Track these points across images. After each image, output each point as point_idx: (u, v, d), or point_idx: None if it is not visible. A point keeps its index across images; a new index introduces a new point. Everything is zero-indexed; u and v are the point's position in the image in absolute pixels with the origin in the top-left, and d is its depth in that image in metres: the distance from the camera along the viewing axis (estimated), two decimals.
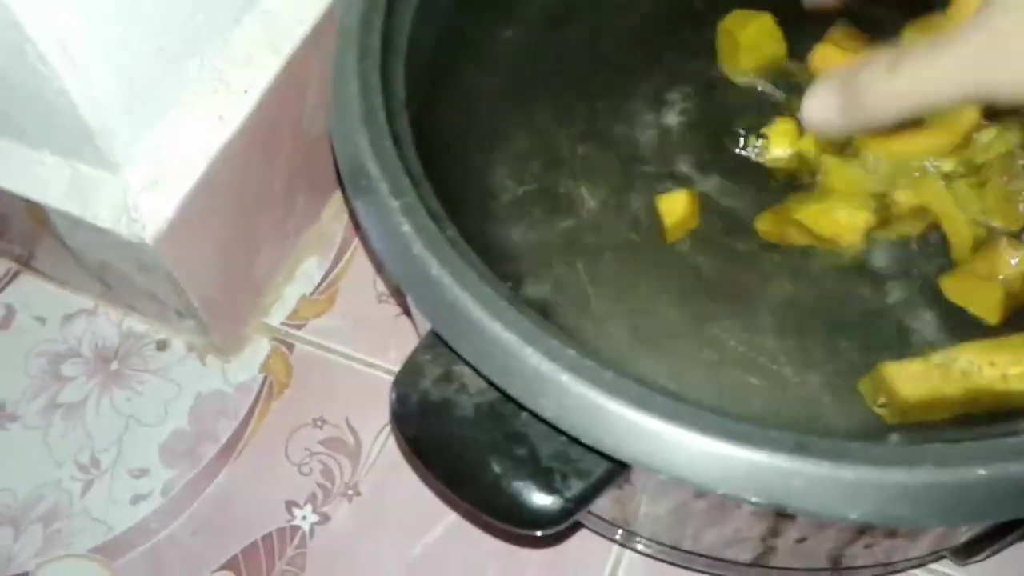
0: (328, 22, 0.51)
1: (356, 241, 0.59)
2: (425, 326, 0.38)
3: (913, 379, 0.37)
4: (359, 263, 0.58)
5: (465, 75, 0.47)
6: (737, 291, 0.44)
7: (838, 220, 0.43)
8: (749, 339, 0.42)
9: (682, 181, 0.46)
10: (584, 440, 0.32)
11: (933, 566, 0.46)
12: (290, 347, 0.56)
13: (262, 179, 0.52)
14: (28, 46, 0.38)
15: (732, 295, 0.44)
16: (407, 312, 0.55)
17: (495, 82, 0.48)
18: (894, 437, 0.30)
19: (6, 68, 0.40)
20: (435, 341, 0.37)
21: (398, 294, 0.56)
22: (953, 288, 0.42)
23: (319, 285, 0.58)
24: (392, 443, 0.52)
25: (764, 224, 0.44)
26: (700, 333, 0.43)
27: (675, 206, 0.45)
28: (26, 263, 0.59)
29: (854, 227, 0.43)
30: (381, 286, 0.57)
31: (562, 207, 0.46)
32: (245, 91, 0.48)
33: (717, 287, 0.44)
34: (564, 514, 0.35)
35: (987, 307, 0.41)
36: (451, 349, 0.35)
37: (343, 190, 0.38)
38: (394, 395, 0.37)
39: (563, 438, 0.34)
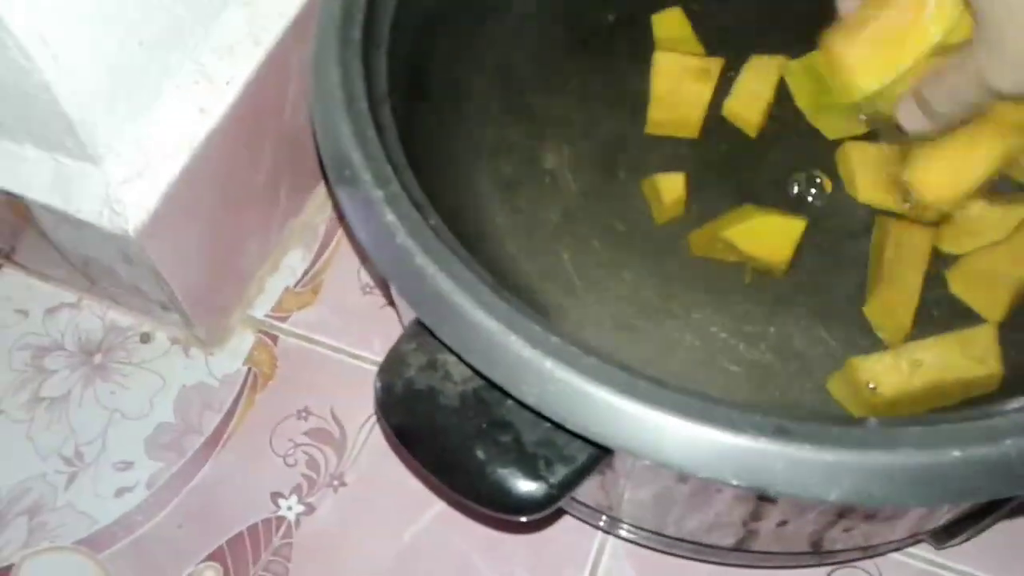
0: (309, 15, 0.51)
1: (340, 233, 0.59)
2: (409, 316, 0.38)
3: (884, 373, 0.38)
4: (343, 255, 0.58)
5: (449, 65, 0.47)
6: (720, 278, 0.44)
7: (766, 237, 0.43)
8: (731, 326, 0.43)
9: (666, 167, 0.47)
10: (567, 426, 0.32)
11: (911, 550, 0.47)
12: (274, 339, 0.56)
13: (245, 171, 0.52)
14: (8, 40, 0.38)
15: (715, 282, 0.44)
16: (391, 303, 0.55)
17: (480, 72, 0.49)
18: (872, 421, 0.30)
19: None
20: (419, 330, 0.37)
21: (382, 285, 0.56)
22: (959, 282, 0.43)
23: (303, 277, 0.58)
24: (377, 433, 0.52)
25: (696, 241, 0.45)
26: (684, 319, 0.43)
27: (674, 185, 0.46)
28: (8, 257, 0.58)
29: (782, 244, 0.43)
30: (365, 277, 0.57)
31: (547, 195, 0.47)
32: (227, 83, 0.48)
33: (700, 274, 0.44)
34: (549, 500, 0.35)
35: (993, 304, 0.42)
36: (435, 337, 0.35)
37: (326, 180, 0.38)
38: (379, 384, 0.38)
39: (547, 424, 0.35)
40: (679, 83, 0.48)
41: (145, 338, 0.56)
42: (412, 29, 0.43)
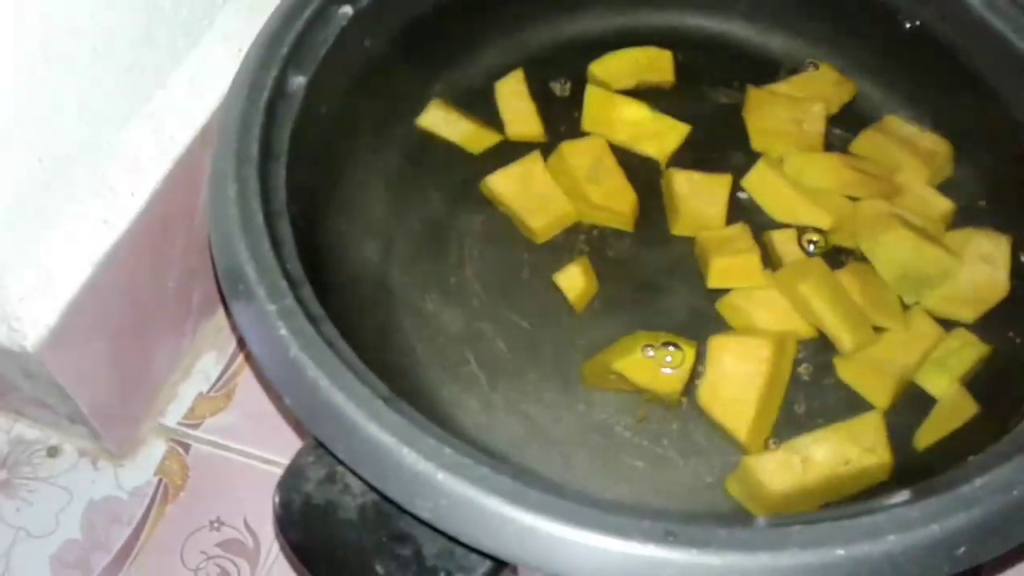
0: (216, 123, 0.51)
1: None
2: None
3: (777, 471, 0.38)
4: None
5: (358, 175, 0.48)
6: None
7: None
8: (635, 423, 0.43)
9: (572, 258, 0.48)
10: (461, 539, 0.32)
11: None
12: (186, 447, 0.55)
13: (154, 279, 0.52)
14: None
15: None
16: None
17: (389, 180, 0.49)
18: (760, 521, 0.31)
19: None
20: (318, 443, 0.37)
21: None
22: (848, 369, 0.44)
23: (216, 382, 0.57)
24: None
25: (588, 371, 0.45)
26: (589, 417, 0.43)
27: (574, 280, 0.46)
28: None
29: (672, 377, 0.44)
30: None
31: (453, 296, 0.47)
32: (132, 194, 0.48)
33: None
34: None
35: (880, 391, 0.43)
36: (329, 451, 0.35)
37: (222, 296, 0.38)
38: (277, 500, 0.37)
39: (446, 535, 0.34)
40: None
41: (52, 452, 0.55)
42: (312, 140, 0.43)
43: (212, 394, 0.56)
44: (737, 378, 0.42)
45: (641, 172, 0.51)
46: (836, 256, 0.47)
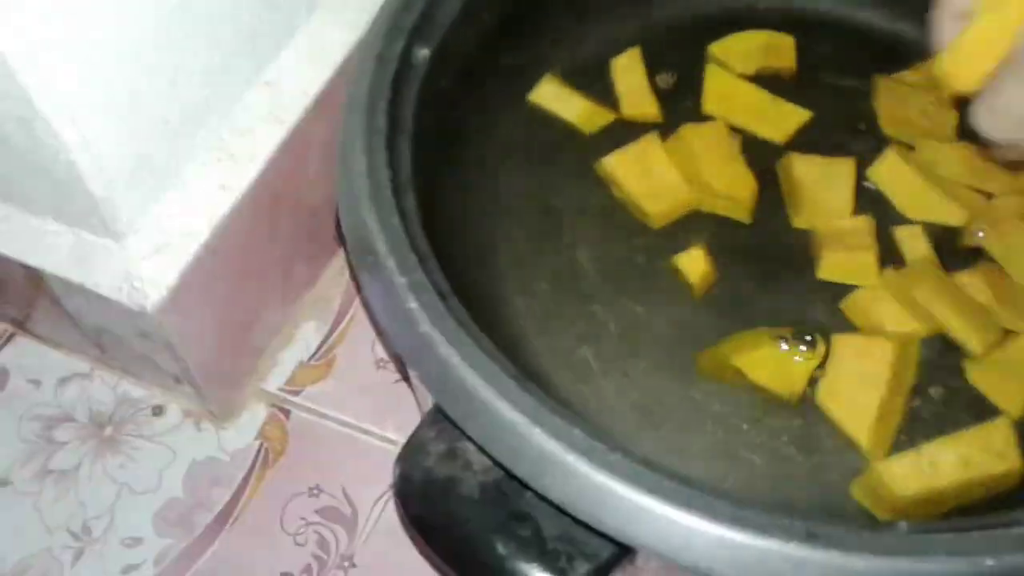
0: (331, 92, 0.51)
1: (354, 306, 0.59)
2: (427, 398, 0.38)
3: (905, 476, 0.37)
4: (357, 328, 0.58)
5: (473, 152, 0.48)
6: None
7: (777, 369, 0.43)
8: (753, 416, 0.42)
9: (689, 244, 0.47)
10: (590, 523, 0.32)
11: None
12: (287, 413, 0.55)
13: (263, 246, 0.52)
14: (38, 121, 0.38)
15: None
16: (406, 378, 0.55)
17: (504, 158, 0.49)
18: (903, 526, 0.30)
19: (14, 140, 0.40)
20: (438, 417, 0.37)
21: (397, 360, 0.56)
22: (981, 375, 0.42)
23: (317, 350, 0.57)
24: (388, 513, 0.52)
25: (703, 362, 0.44)
26: (705, 407, 0.43)
27: (697, 263, 0.46)
28: (21, 326, 0.58)
29: (793, 378, 0.42)
30: (379, 351, 0.57)
31: (565, 278, 0.47)
32: (249, 160, 0.49)
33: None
34: None
35: (1014, 397, 0.41)
36: (456, 426, 0.34)
37: (350, 267, 0.38)
38: (398, 472, 0.37)
39: (568, 518, 0.34)
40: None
41: (157, 411, 0.56)
42: (433, 114, 0.43)
43: (312, 363, 0.57)
44: (859, 379, 0.41)
45: (760, 159, 0.49)
46: (966, 256, 0.46)
